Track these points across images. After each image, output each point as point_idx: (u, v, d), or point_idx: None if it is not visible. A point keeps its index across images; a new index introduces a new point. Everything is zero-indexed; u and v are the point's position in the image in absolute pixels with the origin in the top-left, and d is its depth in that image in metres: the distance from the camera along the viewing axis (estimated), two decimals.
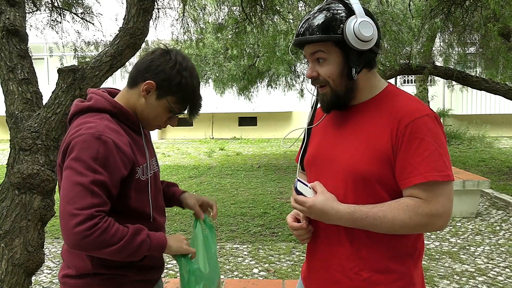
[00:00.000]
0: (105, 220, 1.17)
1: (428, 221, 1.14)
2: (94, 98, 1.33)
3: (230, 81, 9.56)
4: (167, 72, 1.30)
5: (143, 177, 1.32)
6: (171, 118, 1.37)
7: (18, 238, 2.23)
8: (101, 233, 1.15)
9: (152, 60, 1.32)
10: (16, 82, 2.39)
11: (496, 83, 8.08)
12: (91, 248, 1.17)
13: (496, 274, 3.70)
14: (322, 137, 1.35)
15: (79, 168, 1.17)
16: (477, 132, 13.74)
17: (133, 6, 2.47)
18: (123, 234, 1.19)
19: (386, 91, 1.28)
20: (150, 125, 1.39)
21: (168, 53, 1.33)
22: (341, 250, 1.25)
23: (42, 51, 12.51)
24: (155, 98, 1.32)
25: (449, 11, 5.67)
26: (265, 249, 4.39)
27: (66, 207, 1.15)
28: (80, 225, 1.12)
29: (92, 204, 1.15)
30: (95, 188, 1.17)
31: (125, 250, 1.20)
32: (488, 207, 5.93)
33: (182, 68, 1.31)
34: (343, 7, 1.21)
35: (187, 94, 1.33)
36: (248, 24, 5.69)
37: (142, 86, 1.31)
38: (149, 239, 1.24)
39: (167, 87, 1.31)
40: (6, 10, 2.43)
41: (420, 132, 1.15)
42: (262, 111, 16.69)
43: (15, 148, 2.33)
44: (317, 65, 1.24)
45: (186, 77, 1.31)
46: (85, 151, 1.18)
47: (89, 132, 1.21)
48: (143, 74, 1.31)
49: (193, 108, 1.37)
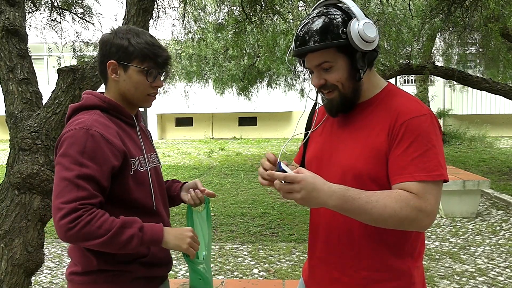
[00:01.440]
0: (90, 212, 1.18)
1: (416, 215, 1.12)
2: (85, 97, 1.37)
3: (230, 81, 9.56)
4: (115, 44, 1.32)
5: (141, 169, 1.34)
6: (152, 81, 1.36)
7: (18, 238, 2.23)
8: (84, 225, 1.16)
9: (101, 48, 1.36)
10: (15, 82, 2.39)
11: (497, 83, 8.08)
12: (76, 240, 1.19)
13: (497, 274, 3.70)
14: (322, 137, 1.36)
15: (66, 163, 1.21)
16: (477, 132, 13.74)
17: (133, 6, 2.47)
18: (111, 227, 1.19)
19: (386, 90, 1.28)
20: (141, 99, 1.38)
21: (110, 33, 1.36)
22: (341, 249, 1.26)
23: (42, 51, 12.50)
24: (124, 73, 1.34)
25: (449, 10, 5.66)
26: (265, 249, 4.38)
27: (54, 202, 1.20)
28: (64, 218, 1.16)
29: (76, 197, 1.17)
30: (81, 182, 1.19)
31: (113, 243, 1.20)
32: (488, 207, 5.92)
33: (123, 32, 1.33)
34: (339, 11, 1.21)
35: (144, 49, 1.32)
36: (248, 24, 5.68)
37: (109, 72, 1.34)
38: (141, 232, 1.23)
39: (124, 55, 1.32)
40: (6, 10, 2.43)
41: (415, 131, 1.15)
42: (262, 111, 16.69)
43: (15, 148, 2.32)
44: (323, 73, 1.23)
45: (132, 37, 1.32)
46: (72, 146, 1.22)
47: (77, 128, 1.24)
48: (102, 62, 1.35)
49: (158, 58, 1.34)
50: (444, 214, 5.44)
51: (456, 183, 5.27)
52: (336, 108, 1.27)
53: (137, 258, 1.32)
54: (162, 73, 1.39)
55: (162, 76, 1.41)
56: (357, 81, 1.23)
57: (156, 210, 1.38)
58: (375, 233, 1.21)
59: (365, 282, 1.23)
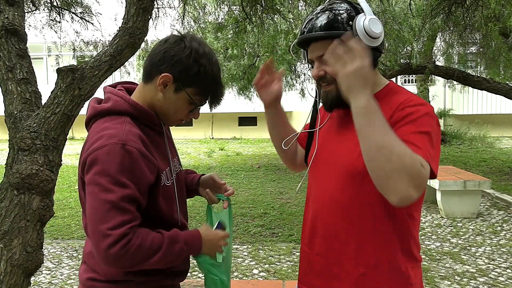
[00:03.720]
0: (138, 234, 1.12)
1: (417, 172, 1.03)
2: (112, 99, 1.23)
3: (230, 81, 9.54)
4: (184, 62, 1.19)
5: (167, 183, 1.26)
6: (193, 110, 1.28)
7: (17, 239, 2.22)
8: (136, 249, 1.11)
9: (166, 51, 1.20)
10: (15, 81, 2.38)
11: (497, 82, 8.07)
12: (129, 267, 1.14)
13: (497, 274, 3.69)
14: (325, 136, 1.37)
15: (106, 184, 1.11)
16: (478, 132, 13.73)
17: (132, 5, 2.46)
18: (159, 245, 1.15)
19: (387, 88, 1.29)
20: (171, 120, 1.29)
21: (183, 40, 1.21)
22: (339, 244, 1.26)
23: (41, 51, 12.49)
24: (173, 91, 1.22)
25: (450, 10, 5.65)
26: (265, 250, 4.37)
27: (97, 227, 1.10)
28: (113, 246, 1.09)
29: (122, 221, 1.10)
30: (125, 204, 1.11)
31: (164, 260, 1.17)
32: (489, 207, 5.91)
33: (199, 55, 1.20)
34: (348, 5, 1.22)
35: (207, 83, 1.23)
36: (248, 24, 5.68)
37: (158, 80, 1.20)
38: (186, 246, 1.20)
39: (185, 78, 1.20)
40: (5, 10, 2.42)
41: (415, 114, 1.15)
42: (262, 111, 16.58)
43: (14, 148, 2.31)
44: (323, 64, 1.23)
45: (204, 65, 1.20)
46: (110, 164, 1.11)
47: (111, 143, 1.13)
48: (158, 67, 1.21)
49: (215, 97, 1.26)
50: (444, 214, 5.42)
51: (456, 183, 5.26)
52: (331, 101, 1.26)
53: (164, 269, 1.26)
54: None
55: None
56: None
57: (181, 224, 1.32)
58: (373, 230, 1.21)
59: (363, 279, 1.23)
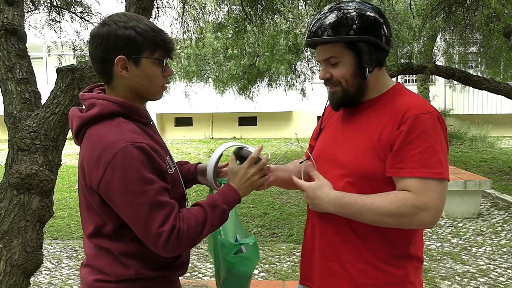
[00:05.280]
0: (183, 220, 1.17)
1: (414, 211, 1.14)
2: (98, 103, 1.22)
3: (230, 81, 9.54)
4: (121, 37, 1.18)
5: (170, 171, 1.26)
6: (163, 69, 1.26)
7: (16, 239, 2.22)
8: (186, 233, 1.17)
9: (99, 42, 1.20)
10: (14, 81, 2.37)
11: (498, 82, 8.05)
12: (188, 247, 1.21)
13: (498, 275, 3.68)
14: (329, 134, 1.38)
15: (136, 189, 1.12)
16: (478, 132, 13.72)
17: (132, 5, 2.45)
18: (204, 218, 1.21)
19: (393, 89, 1.29)
20: (155, 92, 1.28)
21: (104, 24, 1.21)
22: (338, 241, 1.27)
23: (41, 51, 12.49)
24: (135, 67, 1.22)
25: (450, 10, 5.65)
26: (265, 250, 4.37)
27: (146, 231, 1.14)
28: (169, 240, 1.14)
29: (166, 216, 1.14)
30: (160, 198, 1.15)
31: (214, 227, 1.23)
32: (489, 207, 5.91)
33: (125, 23, 1.19)
34: (356, 5, 1.23)
35: (151, 36, 1.21)
36: (248, 23, 5.67)
37: (117, 68, 1.20)
38: (226, 204, 1.26)
39: (133, 48, 1.19)
40: (5, 9, 2.41)
41: (419, 128, 1.16)
42: (262, 111, 16.67)
43: (14, 148, 2.31)
44: (330, 67, 1.25)
45: (136, 25, 1.19)
46: (130, 168, 1.12)
47: (119, 147, 1.13)
48: (107, 61, 1.20)
49: (166, 44, 1.24)
50: (445, 214, 5.42)
51: (457, 183, 5.25)
52: (336, 101, 1.29)
53: (172, 260, 1.30)
54: (167, 59, 1.28)
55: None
56: (362, 80, 1.23)
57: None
58: (372, 229, 1.22)
59: (361, 276, 1.24)
